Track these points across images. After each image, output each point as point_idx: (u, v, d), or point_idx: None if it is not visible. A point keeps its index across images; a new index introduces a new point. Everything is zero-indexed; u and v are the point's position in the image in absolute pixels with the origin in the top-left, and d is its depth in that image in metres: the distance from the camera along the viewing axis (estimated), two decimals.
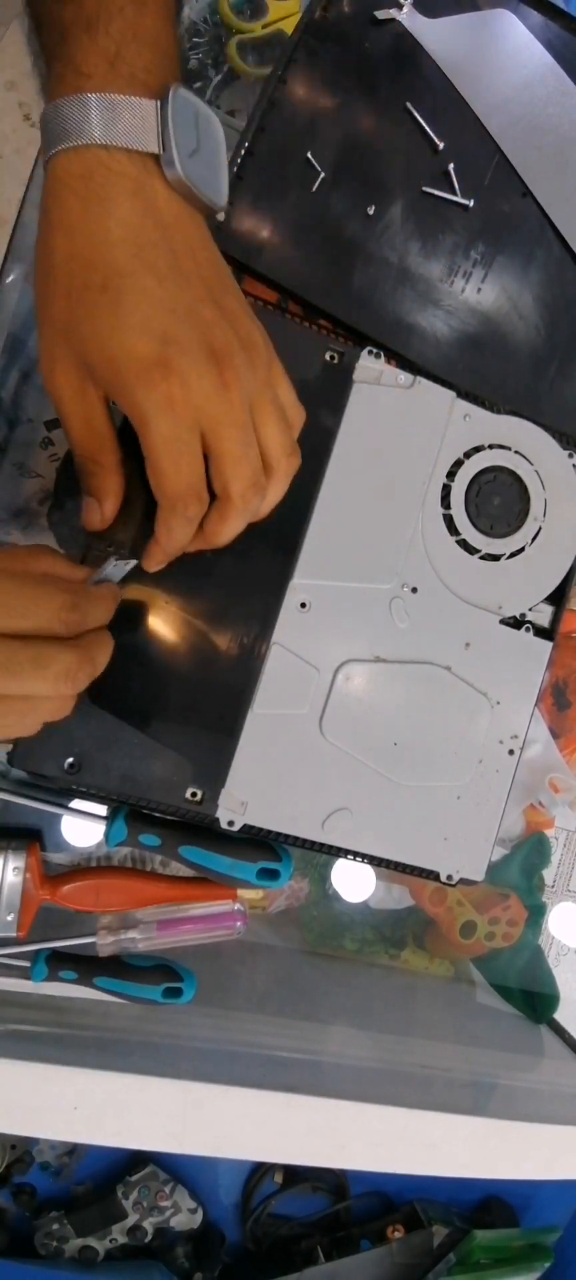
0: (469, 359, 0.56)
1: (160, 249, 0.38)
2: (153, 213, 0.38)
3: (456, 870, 0.56)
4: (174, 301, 0.38)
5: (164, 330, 0.37)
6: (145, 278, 0.37)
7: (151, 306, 0.37)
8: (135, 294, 0.37)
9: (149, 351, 0.37)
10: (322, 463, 0.53)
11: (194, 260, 0.40)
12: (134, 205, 0.37)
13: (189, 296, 0.38)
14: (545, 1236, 0.89)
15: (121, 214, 0.37)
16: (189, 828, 0.54)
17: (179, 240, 0.39)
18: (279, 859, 0.54)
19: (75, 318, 0.38)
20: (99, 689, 0.49)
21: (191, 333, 0.38)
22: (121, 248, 0.37)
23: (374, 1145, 0.58)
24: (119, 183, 0.37)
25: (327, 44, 0.54)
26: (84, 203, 0.37)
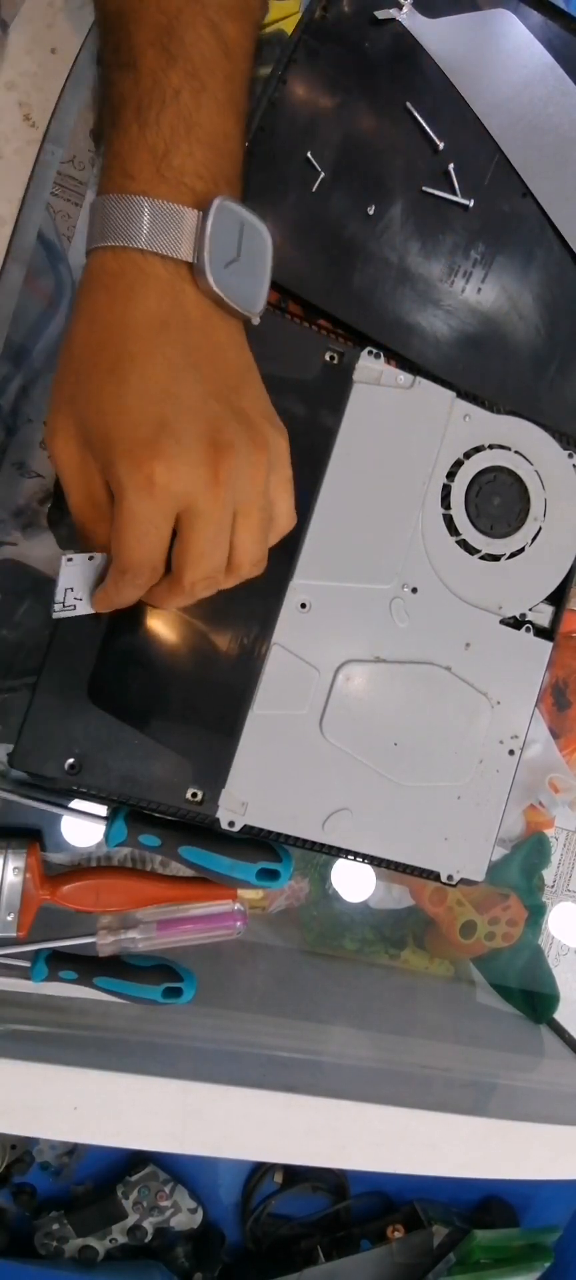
0: (469, 359, 0.56)
1: (178, 344, 0.38)
2: (178, 311, 0.39)
3: (457, 870, 0.56)
4: (180, 392, 0.38)
5: (161, 416, 0.37)
6: (155, 366, 0.38)
7: (154, 392, 0.37)
8: (141, 378, 0.37)
9: (141, 433, 0.37)
10: (323, 463, 0.53)
11: (215, 359, 0.40)
12: (160, 303, 0.38)
13: (200, 391, 0.38)
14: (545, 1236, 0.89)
15: (145, 307, 0.38)
16: (189, 828, 0.54)
17: (201, 339, 0.39)
18: (279, 859, 0.54)
19: (81, 393, 0.38)
20: (99, 689, 0.49)
21: (192, 424, 0.38)
22: (137, 337, 0.38)
23: (374, 1145, 0.58)
24: (149, 282, 0.38)
25: (327, 44, 0.54)
26: (111, 296, 0.38)
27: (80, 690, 0.50)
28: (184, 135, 0.38)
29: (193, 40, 0.39)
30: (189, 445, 0.37)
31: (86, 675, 0.50)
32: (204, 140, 0.39)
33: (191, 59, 0.39)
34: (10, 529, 0.58)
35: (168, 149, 0.38)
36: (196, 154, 0.39)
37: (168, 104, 0.38)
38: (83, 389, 0.38)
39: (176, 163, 0.38)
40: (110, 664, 0.50)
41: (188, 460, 0.37)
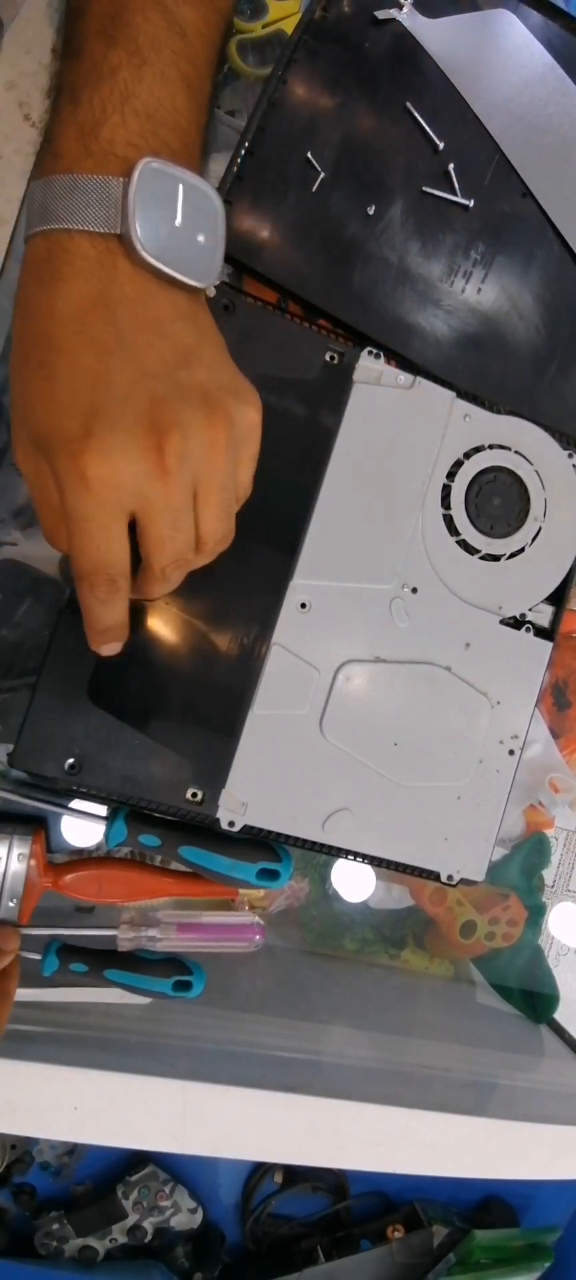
0: (469, 359, 0.56)
1: (109, 325, 0.36)
2: (110, 290, 0.36)
3: (457, 870, 0.56)
4: (111, 376, 0.35)
5: (93, 404, 0.34)
6: (83, 354, 0.35)
7: (83, 382, 0.35)
8: (68, 369, 0.35)
9: (73, 426, 0.34)
10: (323, 463, 0.53)
11: (156, 336, 0.37)
12: (87, 284, 0.36)
13: (135, 371, 0.36)
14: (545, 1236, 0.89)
15: (71, 293, 0.35)
16: (189, 828, 0.54)
17: (137, 316, 0.36)
18: (279, 859, 0.54)
19: (19, 395, 0.36)
20: (99, 689, 0.49)
21: (128, 410, 0.35)
22: (63, 325, 0.35)
23: (374, 1145, 0.58)
24: (74, 263, 0.35)
25: (327, 44, 0.54)
26: (39, 284, 0.36)
27: (80, 690, 0.50)
28: (117, 107, 0.36)
29: (139, 22, 0.37)
30: (125, 431, 0.35)
31: (86, 675, 0.50)
32: (141, 111, 0.37)
33: (135, 39, 0.37)
34: (10, 529, 0.58)
35: (97, 123, 0.36)
36: (130, 123, 0.36)
37: (104, 80, 0.36)
38: (20, 390, 0.36)
39: (105, 134, 0.36)
40: (110, 664, 0.50)
41: (125, 448, 0.35)
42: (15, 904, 0.53)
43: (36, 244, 0.36)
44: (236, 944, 0.58)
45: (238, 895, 0.59)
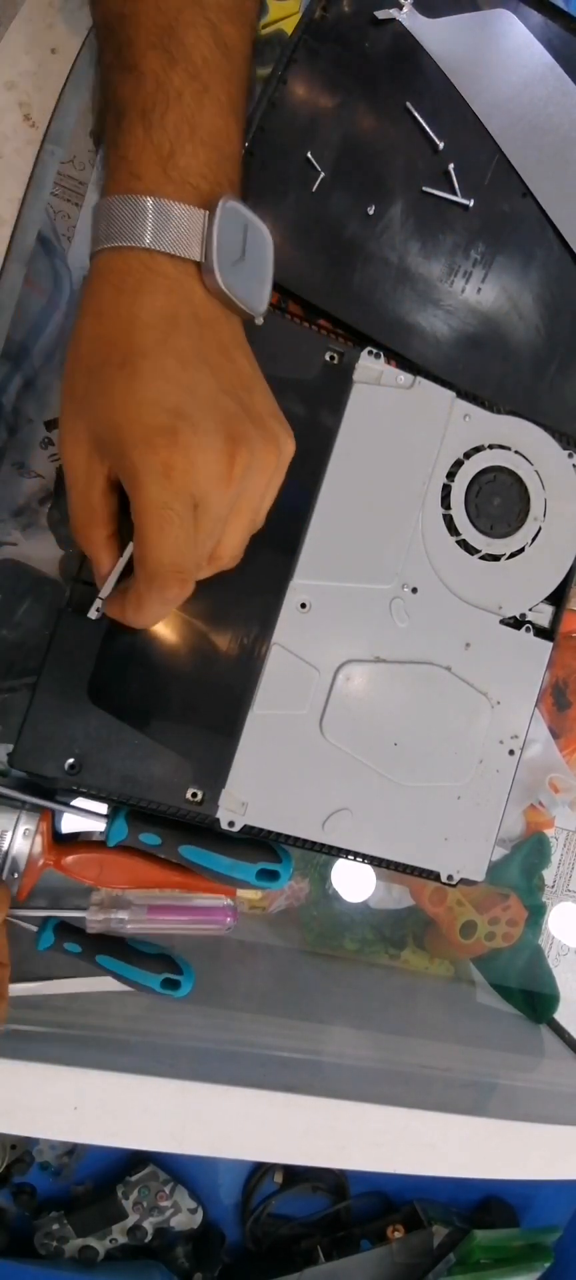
0: (469, 359, 0.56)
1: (189, 339, 0.38)
2: (186, 308, 0.39)
3: (457, 870, 0.56)
4: (194, 385, 0.38)
5: (177, 406, 0.37)
6: (167, 360, 0.37)
7: (168, 384, 0.37)
8: (153, 373, 0.37)
9: (155, 421, 0.36)
10: (323, 463, 0.53)
11: (224, 358, 0.40)
12: (168, 299, 0.38)
13: (212, 385, 0.38)
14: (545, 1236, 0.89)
15: (154, 305, 0.38)
16: (189, 827, 0.54)
17: (210, 337, 0.39)
18: (279, 860, 0.54)
19: (91, 392, 0.38)
20: (99, 689, 0.49)
21: (208, 416, 0.37)
22: (147, 332, 0.37)
23: (374, 1145, 0.58)
24: (157, 280, 0.38)
25: (327, 44, 0.54)
26: (118, 292, 0.38)
27: (80, 690, 0.50)
28: (188, 136, 0.39)
29: (193, 41, 0.39)
30: (206, 436, 0.37)
31: (86, 675, 0.50)
32: (207, 141, 0.39)
33: (192, 60, 0.39)
34: (10, 529, 0.58)
35: (172, 149, 0.38)
36: (200, 154, 0.39)
37: (171, 105, 0.38)
38: (93, 385, 0.38)
39: (182, 163, 0.38)
40: (110, 664, 0.50)
41: (205, 451, 0.37)
42: (16, 878, 0.53)
43: (112, 258, 0.38)
44: (208, 926, 0.58)
45: (236, 895, 0.59)
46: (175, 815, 0.52)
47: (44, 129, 0.53)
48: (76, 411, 0.39)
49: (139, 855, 0.56)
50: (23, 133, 0.52)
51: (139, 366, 0.37)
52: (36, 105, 0.53)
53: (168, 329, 0.38)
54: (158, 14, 0.39)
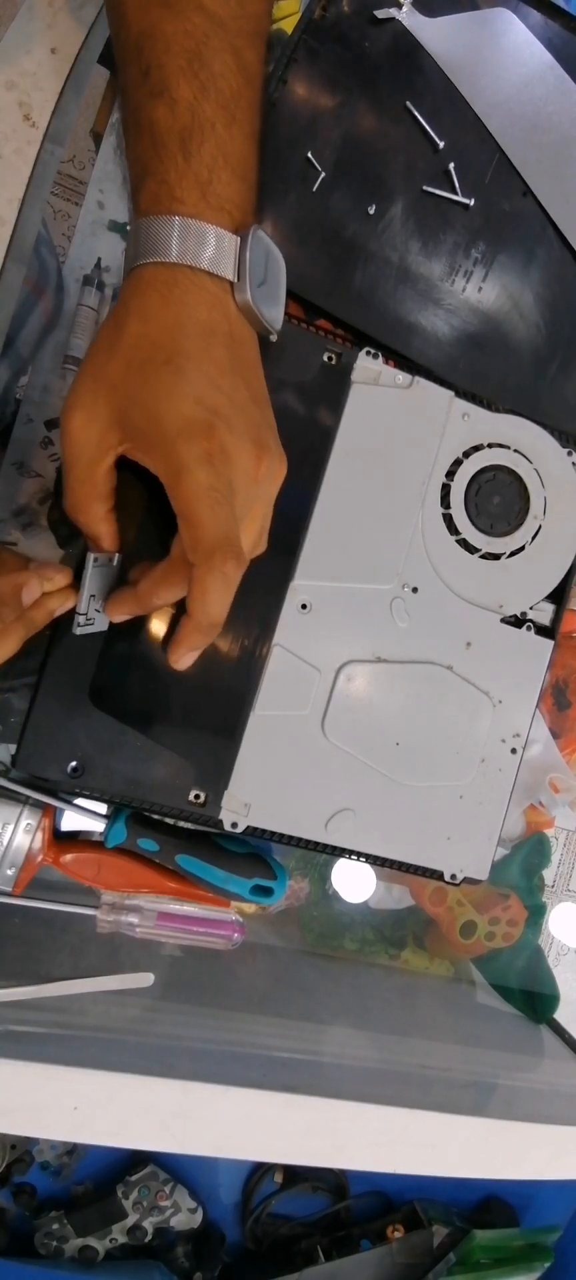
0: (470, 358, 0.56)
1: (226, 350, 0.42)
2: (224, 322, 0.42)
3: (460, 870, 0.56)
4: (231, 391, 0.41)
5: (215, 405, 0.40)
6: (208, 365, 0.41)
7: (208, 386, 0.40)
8: (196, 373, 0.40)
9: (196, 414, 0.40)
10: (322, 464, 0.53)
11: (250, 373, 0.44)
12: (210, 312, 0.41)
13: (244, 394, 0.42)
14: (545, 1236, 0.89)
15: (197, 315, 0.41)
16: (187, 836, 0.54)
17: (240, 353, 0.43)
18: (274, 876, 0.55)
19: (130, 380, 0.40)
20: (101, 692, 0.49)
21: (241, 419, 0.41)
22: (191, 338, 0.41)
23: (374, 1145, 0.58)
24: (199, 294, 0.41)
25: (327, 44, 0.54)
26: (164, 300, 0.41)
27: (82, 693, 0.50)
28: (223, 165, 0.42)
29: (220, 70, 0.41)
30: (239, 436, 0.41)
31: (88, 678, 0.50)
32: (237, 171, 0.42)
33: (221, 90, 0.41)
34: (10, 529, 0.58)
35: (210, 178, 0.41)
36: (233, 184, 0.42)
37: (207, 136, 0.41)
38: (134, 375, 0.40)
39: (219, 190, 0.42)
40: (111, 667, 0.50)
41: (237, 449, 0.41)
42: (13, 873, 0.53)
43: (157, 270, 0.41)
44: (215, 940, 0.59)
45: (230, 906, 0.59)
46: (179, 817, 0.52)
47: (44, 129, 0.52)
48: (103, 393, 0.41)
49: (137, 859, 0.56)
50: (23, 133, 0.52)
51: (183, 366, 0.40)
52: (36, 105, 0.53)
53: (208, 339, 0.41)
54: (185, 38, 0.41)
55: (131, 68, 0.42)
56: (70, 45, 0.53)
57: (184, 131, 0.41)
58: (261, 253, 0.44)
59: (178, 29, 0.41)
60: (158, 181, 0.41)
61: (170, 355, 0.40)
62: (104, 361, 0.41)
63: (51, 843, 0.54)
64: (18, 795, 0.54)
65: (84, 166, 0.56)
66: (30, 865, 0.54)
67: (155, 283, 0.41)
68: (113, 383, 0.41)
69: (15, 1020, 0.54)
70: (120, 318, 0.41)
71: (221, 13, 0.42)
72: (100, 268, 0.59)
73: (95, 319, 0.59)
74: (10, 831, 0.53)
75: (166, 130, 0.41)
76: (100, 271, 0.59)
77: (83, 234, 0.59)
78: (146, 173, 0.41)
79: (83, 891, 0.57)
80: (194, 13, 0.41)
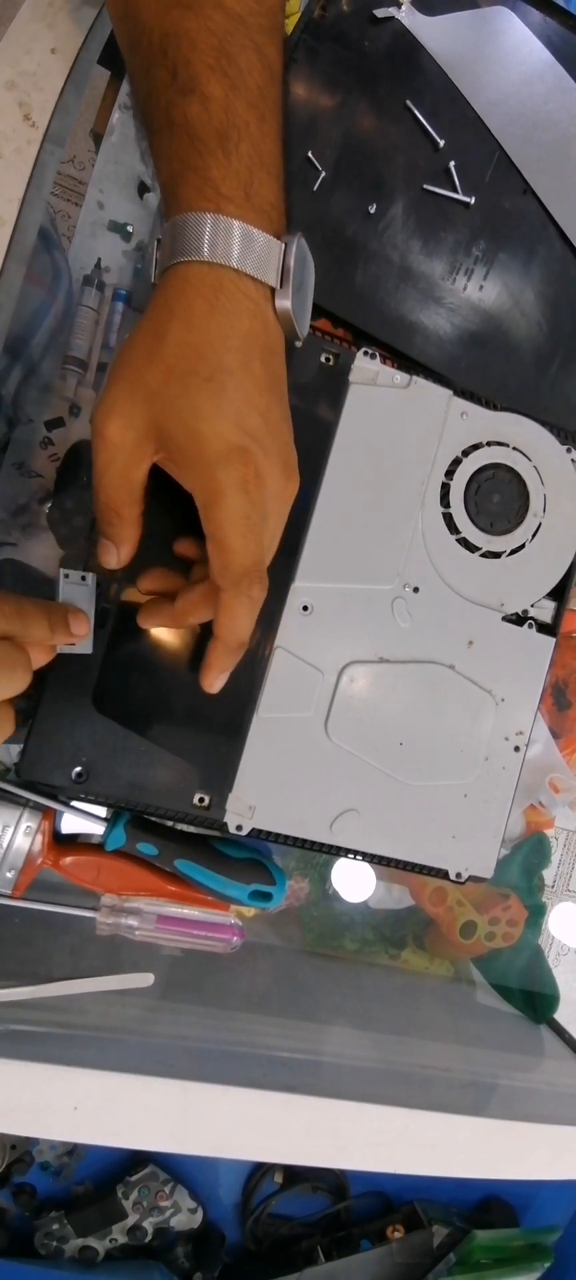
0: (471, 356, 0.56)
1: (263, 365, 0.41)
2: (263, 333, 0.42)
3: (466, 868, 0.56)
4: (267, 411, 0.41)
5: (254, 429, 0.40)
6: (248, 384, 0.40)
7: (248, 406, 0.40)
8: (237, 391, 0.40)
9: (236, 439, 0.40)
10: (321, 465, 0.53)
11: (281, 387, 0.44)
12: (252, 323, 0.41)
13: (277, 413, 0.42)
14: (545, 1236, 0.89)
15: (240, 327, 0.40)
16: (186, 841, 0.54)
17: (275, 364, 0.43)
18: (272, 881, 0.55)
19: (170, 391, 0.40)
20: (104, 697, 0.49)
21: (275, 442, 0.42)
22: (234, 353, 0.40)
23: (374, 1145, 0.57)
24: (244, 303, 0.41)
25: (327, 43, 0.54)
26: (211, 308, 0.40)
27: (85, 699, 0.50)
28: (259, 165, 0.41)
29: (247, 66, 0.41)
30: (272, 460, 0.41)
31: (91, 683, 0.50)
32: (271, 171, 0.42)
33: (250, 88, 0.41)
34: (10, 529, 0.57)
35: (251, 179, 0.41)
36: (270, 185, 0.42)
37: (243, 135, 0.40)
38: (175, 386, 0.40)
39: (261, 192, 0.41)
40: (114, 672, 0.50)
41: (271, 473, 0.41)
42: (12, 875, 0.53)
43: (202, 270, 0.40)
44: (215, 943, 0.59)
45: (229, 909, 0.59)
46: (183, 821, 0.52)
47: (44, 129, 0.52)
48: (141, 400, 0.40)
49: (136, 863, 0.56)
50: (23, 133, 0.52)
51: (224, 384, 0.40)
52: (36, 105, 0.53)
53: (249, 353, 0.41)
54: (209, 35, 0.40)
55: (157, 70, 0.41)
56: (70, 45, 0.53)
57: (220, 129, 0.40)
58: (301, 258, 0.43)
59: (200, 27, 0.40)
60: (201, 177, 0.40)
61: (213, 371, 0.40)
62: (142, 366, 0.40)
63: (51, 845, 0.54)
64: (17, 798, 0.53)
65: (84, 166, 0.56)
66: (30, 868, 0.54)
67: (199, 286, 0.40)
68: (152, 391, 0.40)
69: (15, 1020, 0.54)
70: (162, 320, 0.40)
71: (240, 9, 0.41)
72: (100, 268, 0.59)
73: (95, 319, 0.59)
74: (10, 834, 0.53)
75: (203, 127, 0.40)
76: (100, 271, 0.59)
77: (83, 234, 0.59)
78: (186, 167, 0.40)
79: (82, 894, 0.57)
80: (214, 10, 0.40)
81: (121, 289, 0.60)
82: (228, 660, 0.44)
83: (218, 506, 0.40)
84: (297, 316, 0.43)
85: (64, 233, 0.58)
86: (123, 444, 0.41)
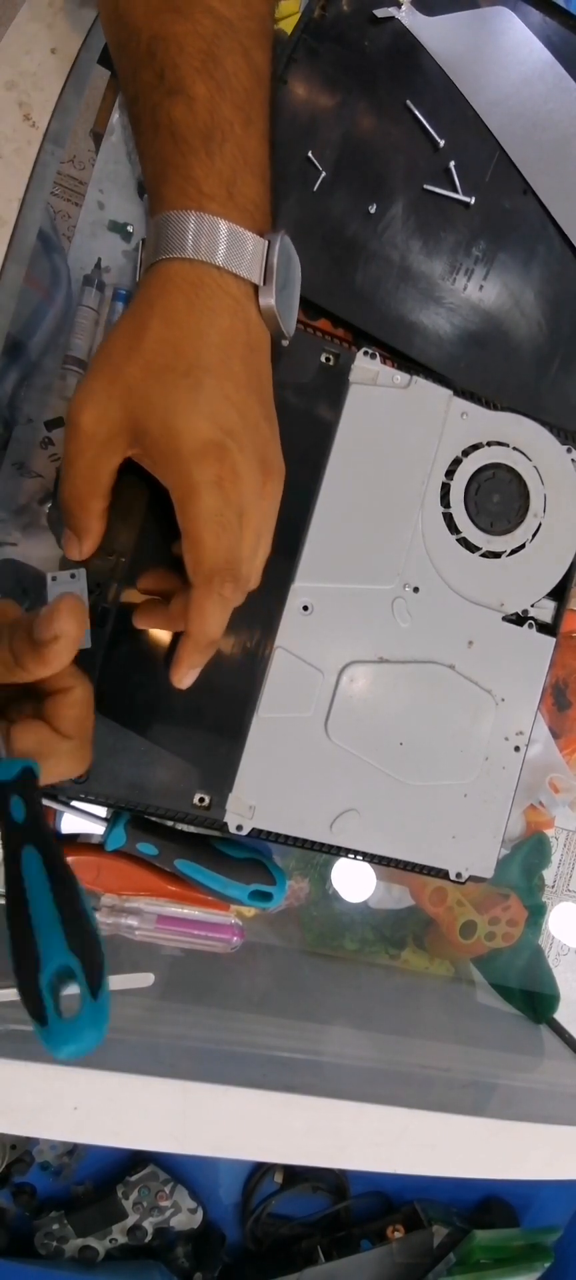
0: (471, 356, 0.56)
1: (243, 363, 0.42)
2: (243, 331, 0.42)
3: (466, 868, 0.56)
4: (244, 408, 0.41)
5: (230, 426, 0.40)
6: (226, 381, 0.41)
7: (225, 403, 0.41)
8: (215, 388, 0.40)
9: (212, 435, 0.40)
10: (321, 465, 0.53)
11: (262, 383, 0.44)
12: (232, 321, 0.41)
13: (256, 411, 0.42)
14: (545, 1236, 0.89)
15: (220, 324, 0.41)
16: (186, 841, 0.54)
17: (256, 362, 0.43)
18: (272, 881, 0.55)
19: (148, 386, 0.40)
20: (104, 697, 0.49)
21: (252, 439, 0.42)
22: (212, 350, 0.40)
23: (374, 1145, 0.57)
24: (224, 300, 0.41)
25: (327, 43, 0.54)
26: (191, 305, 0.40)
27: None
28: (243, 166, 0.41)
29: (233, 69, 0.41)
30: (249, 456, 0.41)
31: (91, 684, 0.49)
32: (256, 171, 0.42)
33: (236, 90, 0.41)
34: (10, 529, 0.57)
35: (234, 178, 0.41)
36: (254, 185, 0.42)
37: (227, 136, 0.41)
38: (153, 382, 0.40)
39: (244, 191, 0.42)
40: (114, 672, 0.50)
41: (247, 470, 0.41)
42: None
43: (182, 267, 0.40)
44: (215, 943, 0.59)
45: (229, 909, 0.59)
46: (184, 821, 0.52)
47: (44, 129, 0.52)
48: (118, 394, 0.40)
49: (136, 863, 0.56)
50: (23, 133, 0.52)
51: (203, 381, 0.40)
52: (36, 105, 0.53)
53: (228, 350, 0.41)
54: (197, 39, 0.41)
55: (145, 72, 0.41)
56: (70, 45, 0.53)
57: (205, 130, 0.40)
58: (285, 256, 0.43)
59: (188, 30, 0.41)
60: (183, 176, 0.41)
61: (191, 367, 0.40)
62: (121, 360, 0.41)
63: None
64: None
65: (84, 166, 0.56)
66: None
67: (180, 283, 0.40)
68: (130, 385, 0.40)
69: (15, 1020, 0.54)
70: (143, 316, 0.41)
71: (229, 14, 0.42)
72: (100, 268, 0.59)
73: (95, 319, 0.59)
74: None
75: (187, 127, 0.40)
76: (100, 271, 0.59)
77: (83, 234, 0.59)
78: (168, 166, 0.41)
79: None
80: (203, 15, 0.41)
81: (121, 289, 0.60)
82: (198, 657, 0.44)
83: (191, 502, 0.40)
84: (282, 315, 0.43)
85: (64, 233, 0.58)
86: (95, 435, 0.41)
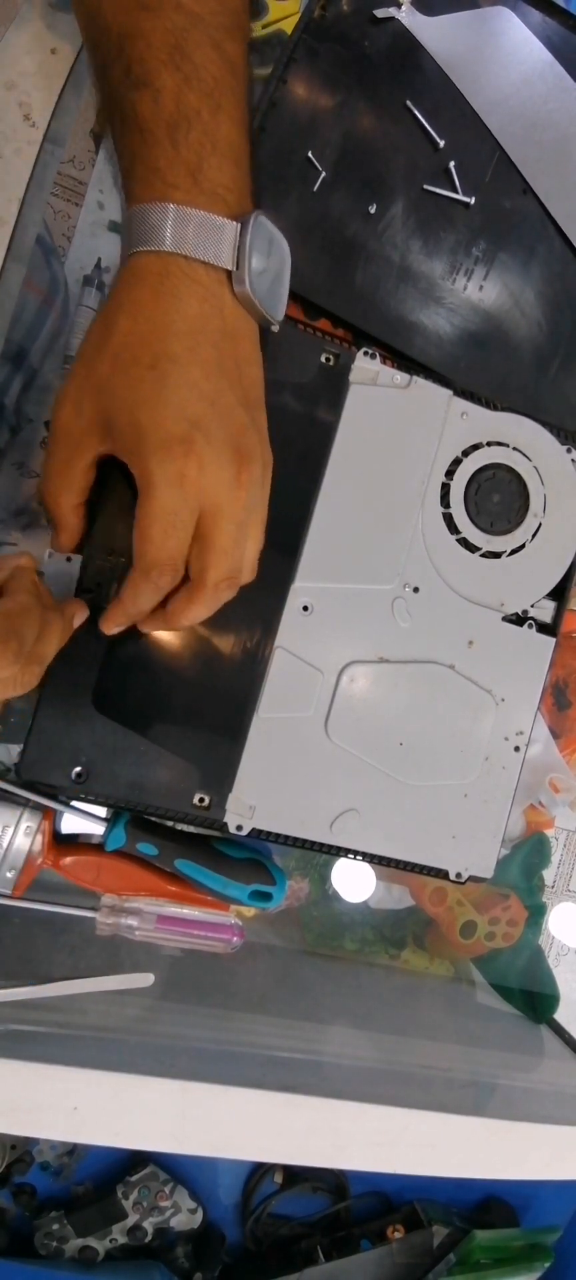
0: (471, 356, 0.56)
1: (214, 350, 0.41)
2: (216, 318, 0.41)
3: (466, 868, 0.56)
4: (214, 396, 0.41)
5: (196, 416, 0.40)
6: (193, 369, 0.40)
7: (191, 393, 0.40)
8: (179, 380, 0.40)
9: (176, 430, 0.39)
10: (321, 465, 0.53)
11: (241, 370, 0.43)
12: (201, 307, 0.41)
13: (229, 398, 0.41)
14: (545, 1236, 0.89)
15: (188, 312, 0.40)
16: (187, 841, 0.54)
17: (232, 348, 0.42)
18: (272, 881, 0.55)
19: (115, 381, 0.40)
20: (104, 697, 0.49)
21: (222, 428, 0.41)
22: (179, 339, 0.40)
23: (374, 1145, 0.57)
24: (192, 287, 0.40)
25: (327, 43, 0.54)
26: (155, 294, 0.40)
27: (85, 699, 0.50)
28: (211, 151, 0.41)
29: (202, 61, 0.41)
30: (218, 446, 0.40)
31: (90, 683, 0.50)
32: (227, 155, 0.42)
33: (204, 80, 0.41)
34: (10, 529, 0.57)
35: (200, 164, 0.40)
36: (224, 169, 0.41)
37: (193, 123, 0.40)
38: (119, 375, 0.40)
39: (211, 176, 0.41)
40: (114, 671, 0.50)
41: (217, 460, 0.40)
42: (12, 875, 0.53)
43: (149, 260, 0.40)
44: (215, 943, 0.59)
45: (229, 910, 0.59)
46: (183, 821, 0.52)
47: (44, 129, 0.52)
48: (90, 390, 0.41)
49: (136, 863, 0.56)
50: (23, 133, 0.52)
51: (167, 371, 0.39)
52: (36, 105, 0.53)
53: (197, 338, 0.40)
54: (166, 34, 0.40)
55: (115, 68, 0.41)
56: (70, 45, 0.53)
57: (170, 120, 0.40)
58: (263, 239, 0.43)
59: (157, 26, 0.40)
60: (148, 168, 0.40)
61: (156, 358, 0.40)
62: (93, 358, 0.41)
63: (51, 845, 0.54)
64: (17, 798, 0.53)
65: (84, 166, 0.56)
66: (30, 868, 0.54)
67: (147, 275, 0.40)
68: (100, 383, 0.41)
69: (15, 1020, 0.54)
70: (111, 312, 0.41)
71: (199, 9, 0.41)
72: (100, 268, 0.59)
73: None
74: (10, 834, 0.53)
75: (153, 119, 0.40)
76: (100, 272, 0.59)
77: (83, 234, 0.59)
78: (136, 160, 0.41)
79: (82, 894, 0.57)
80: (172, 10, 0.41)
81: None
82: (123, 619, 0.45)
83: (147, 498, 0.40)
84: (264, 299, 0.43)
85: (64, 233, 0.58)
86: (70, 432, 0.42)
